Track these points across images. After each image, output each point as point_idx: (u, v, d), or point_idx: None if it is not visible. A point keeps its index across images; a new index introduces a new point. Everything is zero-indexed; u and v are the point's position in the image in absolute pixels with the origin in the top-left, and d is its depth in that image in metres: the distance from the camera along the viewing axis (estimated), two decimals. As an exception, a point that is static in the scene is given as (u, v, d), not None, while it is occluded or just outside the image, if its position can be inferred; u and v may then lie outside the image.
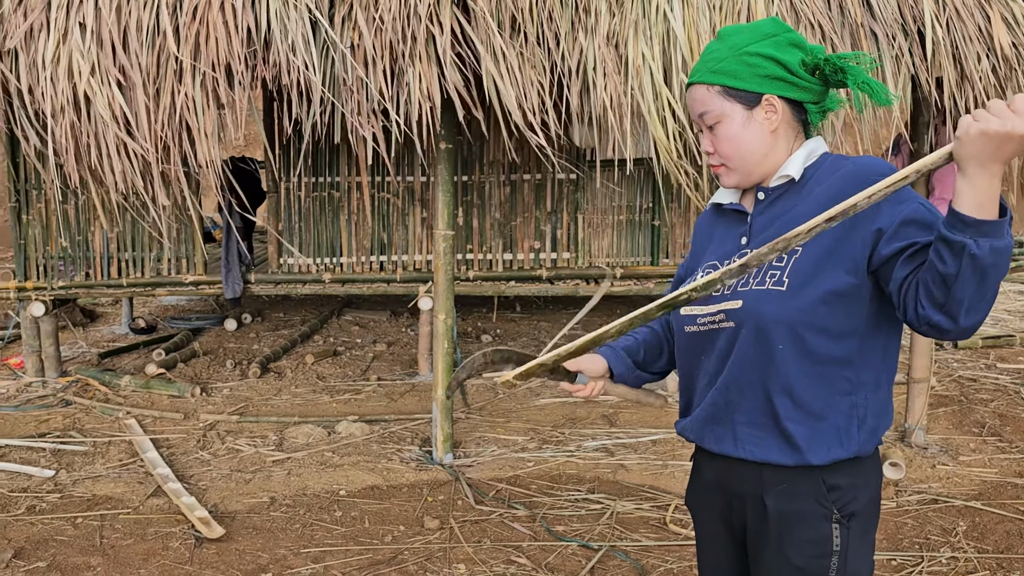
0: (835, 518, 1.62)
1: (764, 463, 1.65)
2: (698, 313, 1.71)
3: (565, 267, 6.20)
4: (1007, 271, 1.39)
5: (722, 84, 1.62)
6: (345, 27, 3.86)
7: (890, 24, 4.04)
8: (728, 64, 1.62)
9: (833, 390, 1.60)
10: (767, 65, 1.60)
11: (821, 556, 1.62)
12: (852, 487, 1.63)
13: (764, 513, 1.66)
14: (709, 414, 1.70)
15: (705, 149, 1.69)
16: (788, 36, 1.63)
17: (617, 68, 3.96)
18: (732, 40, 1.63)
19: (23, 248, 5.88)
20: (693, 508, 1.88)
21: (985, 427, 5.00)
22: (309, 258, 6.13)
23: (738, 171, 1.67)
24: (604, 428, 5.02)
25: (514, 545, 3.60)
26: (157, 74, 3.88)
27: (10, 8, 3.95)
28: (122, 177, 3.96)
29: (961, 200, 1.35)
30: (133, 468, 4.43)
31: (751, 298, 1.61)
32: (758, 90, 1.61)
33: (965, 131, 1.33)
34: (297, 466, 4.46)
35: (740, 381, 1.64)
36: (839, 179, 1.59)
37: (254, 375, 6.05)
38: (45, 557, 3.49)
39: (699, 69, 1.66)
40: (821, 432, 1.60)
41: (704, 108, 1.65)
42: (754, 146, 1.63)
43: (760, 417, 1.63)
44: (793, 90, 1.62)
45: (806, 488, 1.62)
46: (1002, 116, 1.30)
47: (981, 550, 3.55)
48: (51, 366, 6.04)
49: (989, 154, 1.32)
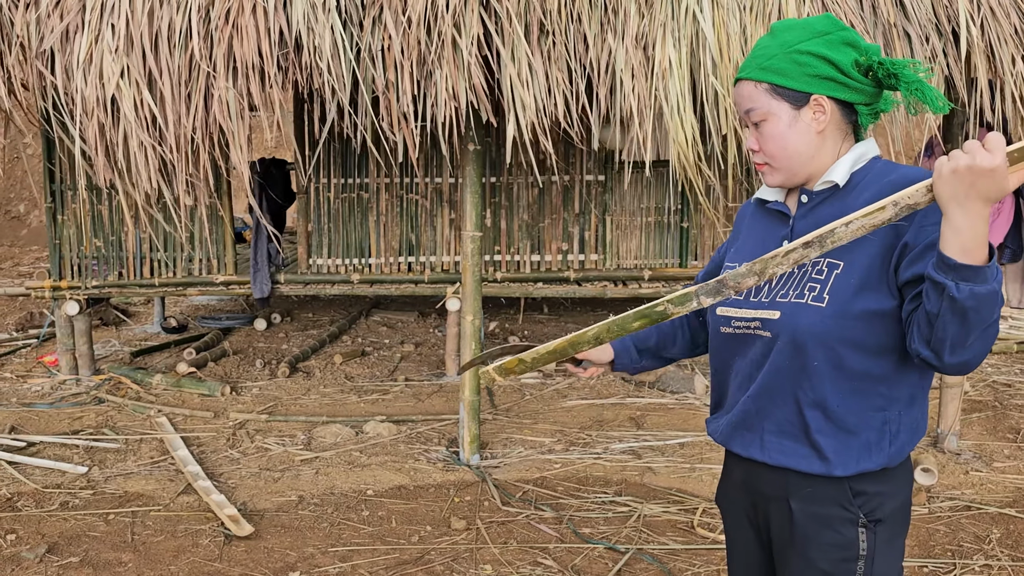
0: (861, 523, 1.60)
1: (789, 469, 1.64)
2: (732, 315, 1.70)
3: (593, 269, 6.19)
4: (992, 317, 1.38)
5: (770, 82, 1.59)
6: (376, 29, 3.88)
7: (924, 24, 3.99)
8: (777, 61, 1.58)
9: (867, 405, 1.59)
10: (818, 64, 1.56)
11: (847, 560, 1.60)
12: (879, 494, 1.61)
13: (790, 516, 1.65)
14: (739, 419, 1.70)
15: (750, 147, 1.66)
16: (842, 35, 1.58)
17: (645, 70, 3.94)
18: (783, 37, 1.60)
19: (58, 248, 5.98)
20: (723, 507, 1.89)
21: (1020, 433, 4.92)
22: (337, 258, 6.16)
23: (782, 171, 1.64)
24: (631, 431, 5.00)
25: (540, 547, 3.60)
26: (189, 76, 3.93)
27: (47, 9, 4.02)
28: (148, 179, 4.02)
29: (946, 242, 1.36)
30: (164, 465, 4.48)
31: (789, 311, 1.59)
32: (807, 89, 1.58)
33: (938, 171, 1.34)
34: (325, 465, 4.49)
35: (772, 391, 1.63)
36: (887, 186, 1.56)
37: (283, 375, 6.10)
38: (78, 552, 3.54)
39: (748, 65, 1.63)
40: (851, 446, 1.59)
41: (751, 104, 1.62)
42: (800, 147, 1.60)
43: (790, 427, 1.63)
44: (844, 91, 1.58)
45: (831, 493, 1.61)
46: (971, 152, 1.30)
47: (1015, 558, 3.49)
48: (84, 364, 6.13)
49: (964, 192, 1.31)
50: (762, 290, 1.66)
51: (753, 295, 1.67)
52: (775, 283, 1.65)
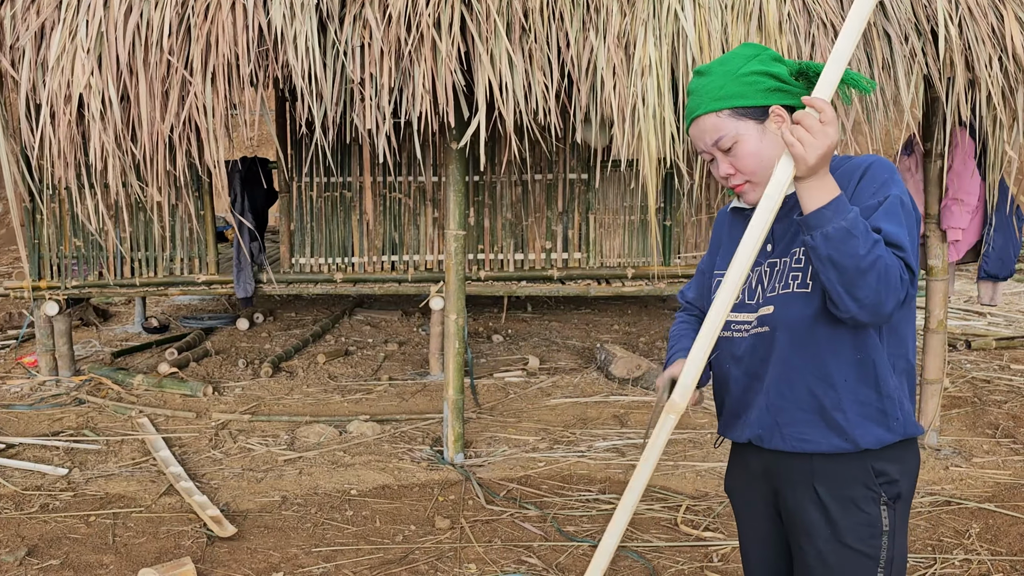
0: (883, 500, 1.72)
1: (815, 454, 1.74)
2: (733, 319, 1.81)
3: (576, 267, 6.20)
4: (859, 250, 1.50)
5: (731, 106, 1.71)
6: (356, 26, 3.87)
7: (903, 24, 4.02)
8: (729, 88, 1.71)
9: (870, 376, 1.70)
10: (765, 80, 1.71)
11: (874, 536, 1.72)
12: (897, 471, 1.73)
13: (816, 500, 1.75)
14: (755, 416, 1.80)
15: (723, 174, 1.76)
16: (768, 54, 1.74)
17: (625, 69, 3.95)
18: (722, 69, 1.74)
19: (37, 248, 5.93)
20: (735, 494, 1.98)
21: (999, 429, 4.96)
22: (320, 258, 6.14)
23: (763, 183, 1.72)
24: (615, 428, 5.01)
25: (525, 545, 3.61)
26: (167, 74, 3.90)
27: (22, 6, 3.98)
28: (115, 178, 3.99)
29: (802, 205, 1.56)
30: (145, 467, 4.45)
31: (781, 302, 1.72)
32: (764, 103, 1.71)
33: (801, 157, 1.53)
34: (308, 465, 4.47)
35: (783, 382, 1.74)
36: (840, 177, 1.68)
37: (266, 374, 6.07)
38: (58, 555, 3.51)
39: (700, 102, 1.75)
40: (868, 417, 1.70)
41: (719, 133, 1.73)
42: (774, 155, 1.70)
43: (807, 413, 1.73)
44: (790, 97, 1.72)
45: (855, 473, 1.72)
46: (820, 135, 1.52)
47: (995, 552, 3.53)
48: (65, 365, 6.08)
49: (821, 163, 1.54)
50: (755, 292, 1.78)
51: (748, 298, 1.78)
52: (766, 283, 1.76)
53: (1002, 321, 7.73)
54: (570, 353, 6.73)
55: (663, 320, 7.87)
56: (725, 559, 3.48)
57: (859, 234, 1.51)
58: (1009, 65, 4.00)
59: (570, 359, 6.54)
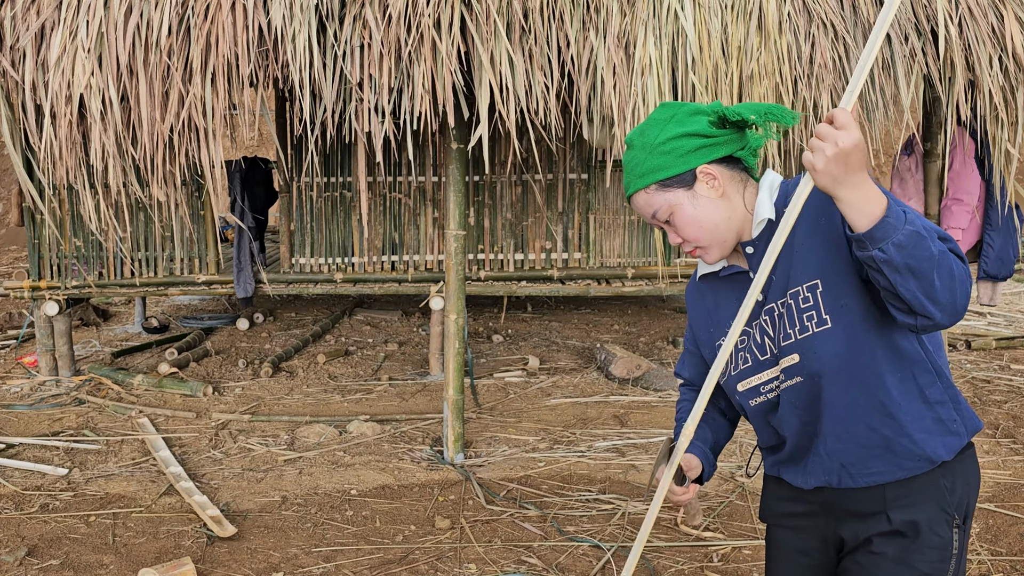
0: (955, 523, 1.67)
1: (885, 484, 1.68)
2: (757, 384, 1.75)
3: (576, 267, 6.20)
4: (930, 250, 1.41)
5: (654, 181, 1.67)
6: (356, 26, 3.87)
7: (903, 24, 4.02)
8: (649, 162, 1.66)
9: (918, 387, 1.65)
10: (683, 143, 1.65)
11: (943, 560, 1.67)
12: (964, 485, 1.69)
13: (888, 527, 1.68)
14: (817, 465, 1.73)
15: (674, 242, 1.73)
16: (684, 109, 1.68)
17: (626, 68, 3.95)
18: (640, 142, 1.69)
19: (37, 248, 5.92)
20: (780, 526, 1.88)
21: (999, 428, 4.96)
22: (320, 258, 6.14)
23: (714, 245, 1.70)
24: (615, 428, 5.01)
25: (525, 545, 3.61)
26: (167, 74, 3.90)
27: (22, 7, 3.98)
28: (117, 177, 3.99)
29: (851, 221, 1.43)
30: (145, 467, 4.45)
31: (804, 348, 1.64)
32: (688, 167, 1.65)
33: (811, 167, 1.41)
34: (308, 465, 4.47)
35: (837, 426, 1.67)
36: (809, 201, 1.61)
37: (266, 374, 6.07)
38: (58, 555, 3.51)
39: (629, 180, 1.71)
40: (929, 431, 1.65)
41: (652, 209, 1.69)
42: (714, 217, 1.66)
43: (872, 449, 1.67)
44: (716, 150, 1.66)
45: (929, 493, 1.67)
46: (831, 137, 1.38)
47: (995, 552, 3.53)
48: (65, 365, 6.08)
49: (843, 172, 1.39)
50: (766, 348, 1.71)
51: (761, 354, 1.72)
52: (772, 333, 1.69)
53: (1002, 321, 7.73)
54: (570, 353, 6.73)
55: (663, 320, 7.87)
56: (725, 559, 3.48)
57: (926, 233, 1.41)
58: (1009, 65, 4.01)
59: (570, 359, 6.54)
